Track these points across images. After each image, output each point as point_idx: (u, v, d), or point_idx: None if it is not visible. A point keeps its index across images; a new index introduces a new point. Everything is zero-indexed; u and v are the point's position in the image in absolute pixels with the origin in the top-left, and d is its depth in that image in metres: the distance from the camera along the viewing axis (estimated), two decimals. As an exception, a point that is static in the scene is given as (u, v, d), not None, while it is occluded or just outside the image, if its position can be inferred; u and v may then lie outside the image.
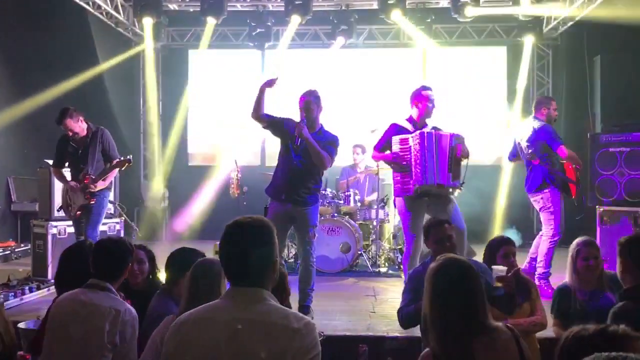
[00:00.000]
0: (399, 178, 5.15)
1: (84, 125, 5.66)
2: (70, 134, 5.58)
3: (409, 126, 5.25)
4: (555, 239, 5.60)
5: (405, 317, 3.59)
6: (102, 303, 2.87)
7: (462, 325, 2.16)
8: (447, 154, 5.04)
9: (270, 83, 4.88)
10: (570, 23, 9.42)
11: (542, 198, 5.71)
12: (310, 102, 4.92)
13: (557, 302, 3.68)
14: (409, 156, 5.05)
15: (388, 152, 5.26)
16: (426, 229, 3.84)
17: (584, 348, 1.48)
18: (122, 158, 5.57)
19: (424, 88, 5.32)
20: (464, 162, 5.19)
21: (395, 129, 5.28)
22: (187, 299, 2.64)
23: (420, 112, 5.26)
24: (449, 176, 5.04)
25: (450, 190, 5.18)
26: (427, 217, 5.06)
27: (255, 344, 1.86)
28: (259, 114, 4.94)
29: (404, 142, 5.09)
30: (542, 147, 5.69)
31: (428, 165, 4.98)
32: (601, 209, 6.56)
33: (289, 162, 4.95)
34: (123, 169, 5.64)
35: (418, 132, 5.07)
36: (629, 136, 6.47)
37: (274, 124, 5.05)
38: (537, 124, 5.75)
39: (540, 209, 5.79)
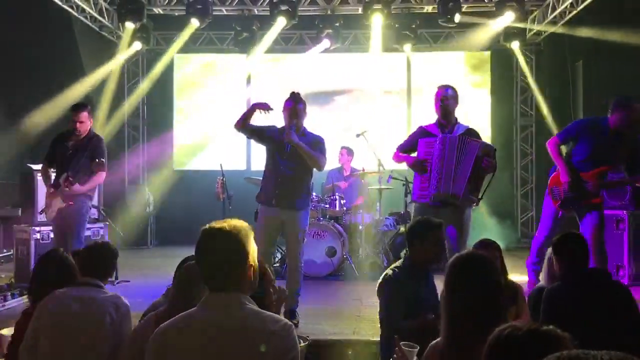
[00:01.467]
0: (418, 183, 4.95)
1: (89, 127, 5.64)
2: (77, 126, 5.51)
3: (435, 129, 5.04)
4: (536, 235, 5.57)
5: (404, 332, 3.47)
6: (99, 297, 2.99)
7: (480, 318, 2.16)
8: (471, 164, 4.73)
9: (263, 107, 4.83)
10: (553, 29, 9.54)
11: None
12: (298, 109, 4.88)
13: (533, 304, 3.69)
14: (431, 160, 4.83)
15: (414, 154, 5.06)
16: (423, 231, 3.57)
17: (514, 347, 1.51)
18: (96, 160, 5.47)
19: (439, 87, 5.08)
20: (487, 176, 4.89)
21: (420, 132, 5.10)
22: (172, 300, 2.65)
23: (437, 113, 5.06)
24: (466, 188, 4.74)
25: (468, 202, 4.89)
26: None
27: (233, 349, 1.88)
28: (241, 127, 4.95)
29: (429, 145, 4.88)
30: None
31: (445, 172, 4.75)
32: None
33: (277, 169, 4.92)
34: (97, 172, 5.52)
35: (442, 136, 4.86)
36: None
37: (258, 133, 5.03)
38: None
39: None
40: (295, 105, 4.88)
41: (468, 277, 2.26)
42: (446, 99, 4.99)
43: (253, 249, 2.08)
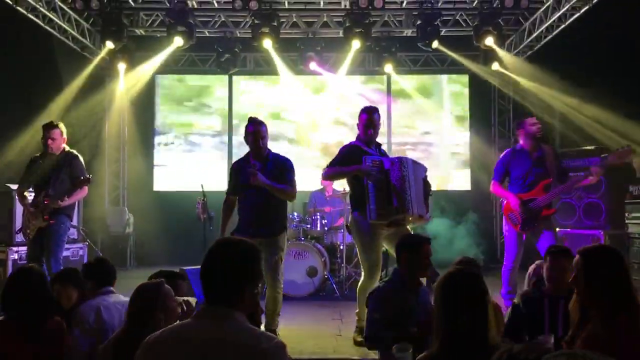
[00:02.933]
0: (375, 201, 4.69)
1: (62, 145, 5.61)
2: (49, 142, 5.51)
3: (366, 147, 4.96)
4: (504, 264, 5.53)
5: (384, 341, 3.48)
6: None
7: (472, 336, 2.21)
8: (422, 185, 4.87)
9: None
10: (529, 52, 9.76)
11: None
12: (261, 131, 4.91)
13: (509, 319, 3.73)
14: (390, 179, 4.71)
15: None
16: (417, 244, 3.73)
17: None
18: (81, 177, 5.47)
19: (366, 111, 5.03)
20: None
21: (356, 148, 4.95)
22: (126, 322, 2.74)
23: (363, 134, 4.99)
24: (424, 207, 4.84)
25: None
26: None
27: None
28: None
29: (375, 164, 4.74)
30: None
31: (411, 193, 4.71)
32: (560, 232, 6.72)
33: (252, 199, 4.89)
34: (81, 187, 5.52)
35: (397, 157, 4.87)
36: (587, 161, 6.67)
37: (236, 191, 5.03)
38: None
39: None
40: (258, 127, 4.91)
41: (461, 292, 2.30)
42: (372, 126, 4.94)
43: (260, 271, 2.10)
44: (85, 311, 3.28)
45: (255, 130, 4.90)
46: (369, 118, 4.96)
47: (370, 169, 4.71)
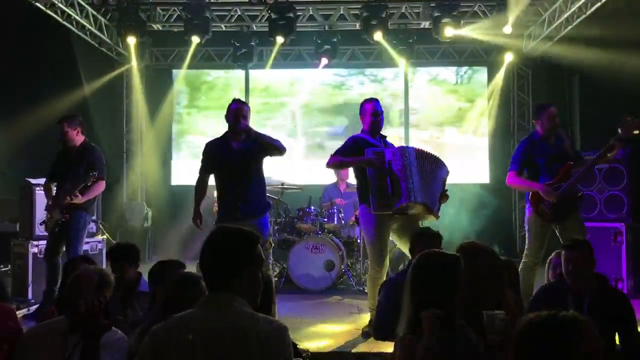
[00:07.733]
0: (374, 193, 4.72)
1: (80, 138, 5.64)
2: (62, 137, 5.55)
3: (372, 139, 4.99)
4: (524, 260, 5.12)
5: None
6: None
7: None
8: (442, 181, 4.87)
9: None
10: (550, 43, 9.61)
11: None
12: (244, 110, 4.86)
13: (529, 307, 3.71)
14: (393, 169, 4.73)
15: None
16: (416, 237, 3.81)
17: (536, 333, 1.62)
18: (95, 171, 5.45)
19: (369, 101, 5.09)
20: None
21: (361, 140, 4.96)
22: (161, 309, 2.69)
23: (368, 126, 5.03)
24: (432, 198, 4.78)
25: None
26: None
27: (227, 349, 1.91)
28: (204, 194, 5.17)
29: (379, 155, 4.77)
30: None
31: (411, 181, 4.69)
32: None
33: (233, 176, 4.86)
34: (96, 184, 5.52)
35: (399, 147, 4.95)
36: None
37: (209, 170, 5.06)
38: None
39: None
40: (241, 106, 4.88)
41: (433, 275, 2.38)
42: (378, 114, 5.01)
43: (259, 256, 2.12)
44: None
45: (237, 107, 4.86)
46: (373, 108, 5.01)
47: (374, 160, 4.74)
